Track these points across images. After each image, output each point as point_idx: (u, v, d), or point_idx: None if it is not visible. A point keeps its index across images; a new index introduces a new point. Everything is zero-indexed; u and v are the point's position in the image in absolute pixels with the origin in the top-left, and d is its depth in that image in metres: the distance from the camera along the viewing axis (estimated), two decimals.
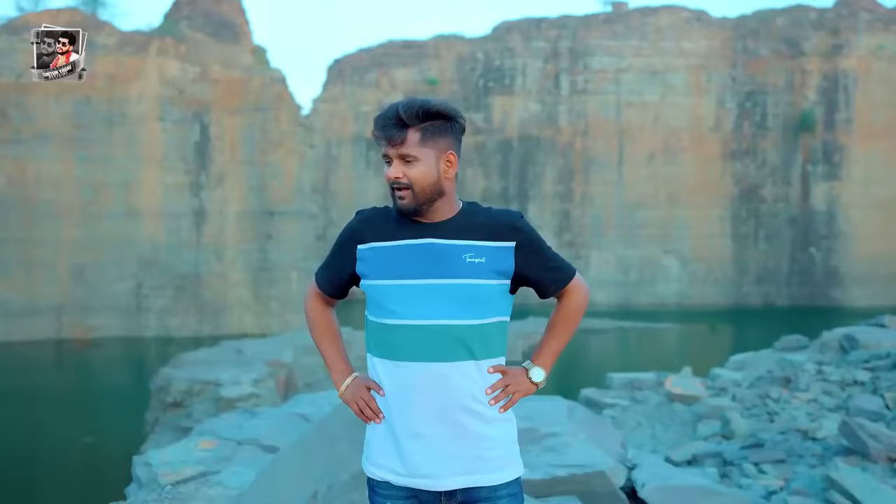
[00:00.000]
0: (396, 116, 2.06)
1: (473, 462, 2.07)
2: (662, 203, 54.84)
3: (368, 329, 2.17)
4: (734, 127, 55.22)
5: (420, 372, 2.04)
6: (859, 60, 53.44)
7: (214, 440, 4.81)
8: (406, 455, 2.06)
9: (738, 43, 55.53)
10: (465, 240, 2.10)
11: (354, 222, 2.18)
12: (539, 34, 56.88)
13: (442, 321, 2.04)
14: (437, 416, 2.04)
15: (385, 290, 2.08)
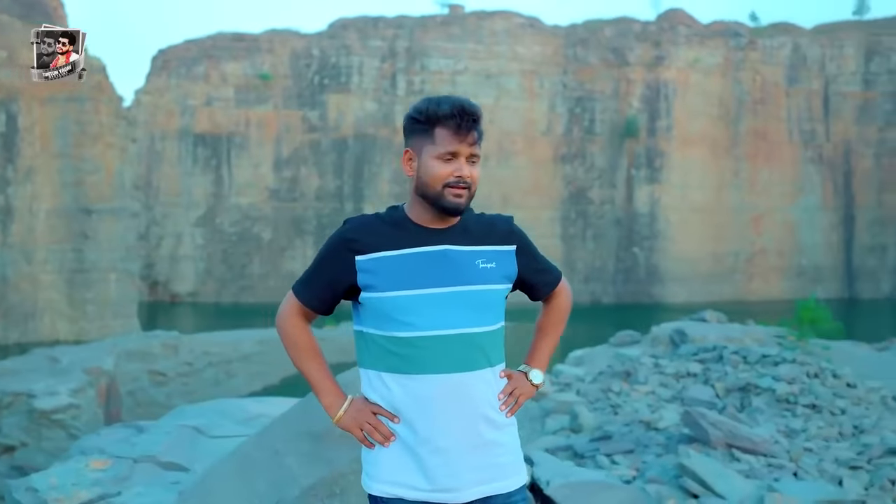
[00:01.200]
0: (473, 112, 2.00)
1: (489, 470, 2.04)
2: (497, 204, 55.85)
3: (370, 344, 2.06)
4: (564, 131, 57.17)
5: (442, 384, 1.98)
6: (678, 72, 56.73)
7: (106, 459, 4.46)
8: (429, 470, 1.99)
9: (568, 50, 57.51)
10: (476, 245, 2.08)
11: (347, 231, 2.08)
12: (376, 33, 56.48)
13: (462, 330, 2.00)
14: (458, 427, 2.00)
15: (400, 302, 1.98)
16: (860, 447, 8.68)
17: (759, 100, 58.04)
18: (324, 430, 3.10)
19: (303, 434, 3.13)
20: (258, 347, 31.21)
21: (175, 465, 4.32)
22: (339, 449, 3.03)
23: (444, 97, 2.02)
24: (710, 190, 57.05)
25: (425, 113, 2.00)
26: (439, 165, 1.99)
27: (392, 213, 2.10)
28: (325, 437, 3.09)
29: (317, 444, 3.12)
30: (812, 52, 59.38)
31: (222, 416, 5.28)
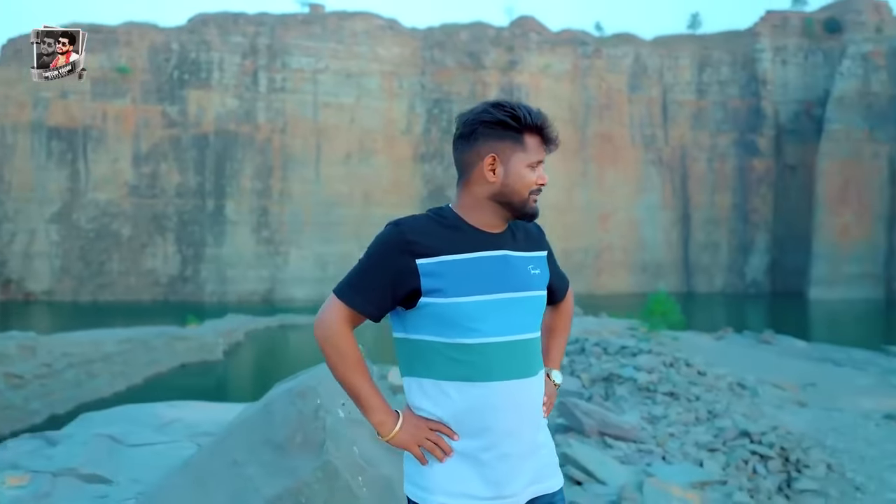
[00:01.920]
0: (552, 121, 2.01)
1: (539, 471, 2.02)
2: (358, 201, 56.84)
3: (426, 352, 1.95)
4: (423, 131, 58.77)
5: (508, 390, 1.94)
6: (531, 76, 59.55)
7: (24, 474, 4.08)
8: (492, 477, 1.94)
9: (426, 52, 59.21)
10: (526, 251, 2.06)
11: (404, 232, 1.95)
12: (237, 29, 56.24)
13: (525, 335, 1.98)
14: (521, 432, 1.97)
15: (469, 308, 1.91)
16: (715, 430, 9.24)
17: (605, 105, 61.71)
18: (286, 439, 2.91)
19: (264, 443, 2.93)
20: (120, 347, 30.62)
21: (97, 478, 4.02)
22: (302, 458, 2.84)
23: (516, 102, 1.99)
24: (561, 190, 60.00)
25: (519, 120, 1.95)
26: (529, 173, 1.97)
27: (443, 214, 2.01)
28: (288, 446, 2.89)
29: (279, 453, 2.91)
30: (652, 62, 63.66)
31: (134, 422, 5.05)
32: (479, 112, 2.00)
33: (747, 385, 14.33)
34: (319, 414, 2.90)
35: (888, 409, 15.29)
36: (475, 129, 1.98)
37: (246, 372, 33.87)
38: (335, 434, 2.87)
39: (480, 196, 1.99)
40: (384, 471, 2.98)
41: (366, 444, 3.03)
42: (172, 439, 4.65)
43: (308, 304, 52.23)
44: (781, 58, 62.76)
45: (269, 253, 55.47)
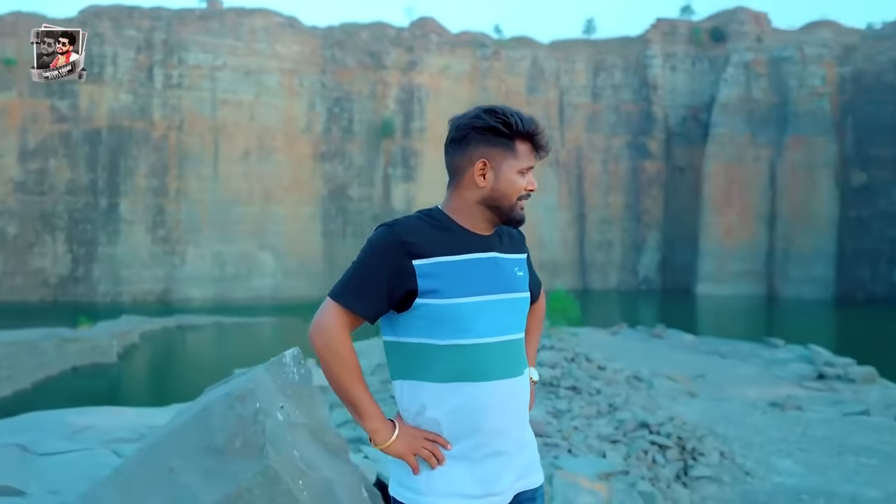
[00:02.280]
0: (544, 129, 2.03)
1: (526, 466, 2.06)
2: (257, 200, 55.88)
3: (420, 354, 1.96)
4: (324, 130, 58.29)
5: (500, 389, 1.96)
6: (431, 77, 59.89)
7: None
8: (483, 475, 1.96)
9: (327, 51, 58.73)
10: (513, 253, 2.08)
11: (400, 233, 1.94)
12: (131, 23, 54.34)
13: (515, 336, 2.01)
14: (515, 428, 2.01)
15: (464, 308, 1.92)
16: (616, 423, 9.48)
17: None
18: (225, 443, 2.83)
19: (202, 448, 2.83)
20: (6, 350, 29.25)
21: (9, 490, 3.82)
22: (242, 463, 2.77)
23: (509, 108, 2.00)
24: None
25: (511, 127, 1.96)
26: (519, 178, 1.98)
27: (434, 216, 2.02)
28: (227, 451, 2.82)
29: (218, 458, 2.82)
30: (549, 65, 65.07)
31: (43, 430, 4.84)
32: (471, 117, 2.00)
33: (643, 378, 14.83)
34: (259, 418, 2.84)
35: (772, 398, 16.11)
36: (467, 135, 2.00)
37: (143, 374, 32.85)
38: (275, 438, 2.83)
39: (470, 200, 2.01)
40: (325, 474, 2.95)
41: (306, 447, 2.99)
42: (86, 447, 4.46)
43: (206, 304, 51.06)
44: (671, 64, 65.22)
45: (166, 252, 53.87)
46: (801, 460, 10.10)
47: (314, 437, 3.02)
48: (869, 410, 15.68)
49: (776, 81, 61.10)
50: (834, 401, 16.81)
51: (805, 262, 59.05)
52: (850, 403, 16.46)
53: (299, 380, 3.10)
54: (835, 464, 9.97)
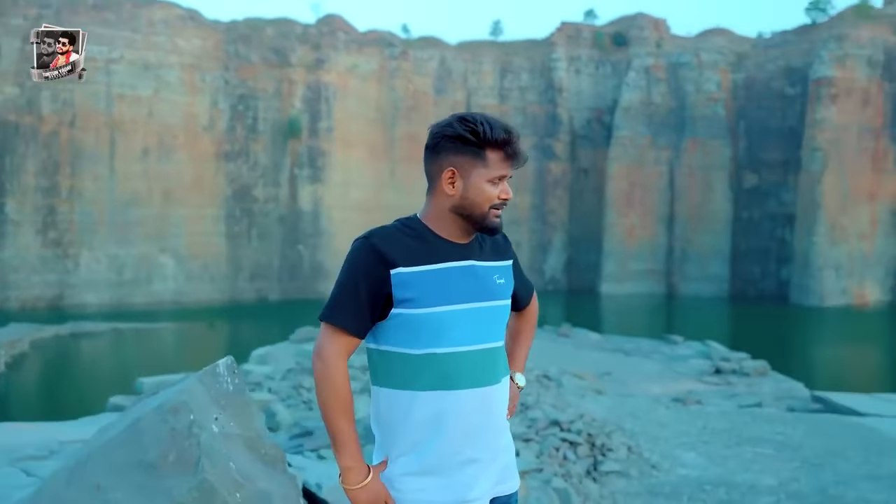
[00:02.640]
0: (518, 135, 2.03)
1: (501, 472, 2.06)
2: (157, 200, 54.16)
3: (395, 362, 1.98)
4: (227, 128, 56.97)
5: (476, 397, 1.97)
6: (338, 75, 59.36)
7: None
8: (455, 483, 1.97)
9: (230, 47, 57.41)
10: (492, 261, 2.08)
11: (376, 244, 1.96)
12: (17, 11, 51.68)
13: (491, 344, 2.01)
14: (490, 437, 2.01)
15: (439, 318, 1.93)
16: (529, 421, 9.71)
17: (412, 107, 62.69)
18: (158, 458, 2.73)
19: (132, 464, 2.73)
20: None
21: None
22: (177, 477, 2.68)
23: (482, 117, 2.00)
24: (369, 189, 60.37)
25: (480, 136, 1.96)
26: (489, 188, 1.98)
27: (411, 225, 2.03)
28: (160, 466, 2.72)
29: (150, 474, 2.72)
30: (456, 66, 65.48)
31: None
32: (443, 125, 2.02)
33: (552, 377, 15.12)
34: (193, 430, 2.76)
35: (674, 393, 16.65)
36: (438, 143, 2.01)
37: (35, 386, 31.28)
38: (210, 450, 2.75)
39: (443, 208, 2.02)
40: (262, 485, 2.88)
41: (241, 459, 2.92)
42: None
43: (103, 310, 49.14)
44: (575, 67, 66.58)
45: (58, 256, 51.52)
46: (703, 452, 10.50)
47: (250, 449, 2.96)
48: (762, 402, 16.38)
49: (675, 86, 63.16)
50: (730, 394, 17.52)
51: (702, 261, 61.26)
52: (745, 396, 17.18)
53: (233, 390, 3.04)
54: (733, 454, 10.44)
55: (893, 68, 55.60)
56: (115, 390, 18.41)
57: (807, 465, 10.23)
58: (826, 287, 53.01)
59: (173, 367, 22.58)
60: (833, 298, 52.59)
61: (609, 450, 9.23)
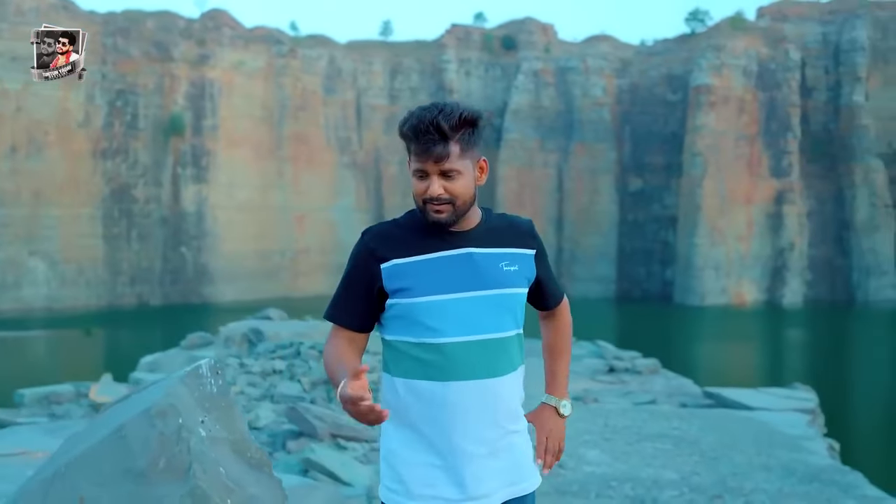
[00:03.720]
0: (437, 128, 1.87)
1: (512, 473, 2.01)
2: (27, 200, 51.17)
3: (396, 352, 1.98)
4: (105, 125, 54.51)
5: (474, 390, 1.93)
6: (224, 72, 57.70)
7: None
8: (462, 478, 1.94)
9: (108, 39, 54.88)
10: (499, 247, 2.02)
11: (368, 241, 1.98)
12: None
13: (492, 335, 1.95)
14: (489, 431, 1.96)
15: (428, 307, 1.92)
16: None
17: (300, 106, 61.67)
18: (147, 466, 2.66)
19: (119, 474, 2.64)
20: None
21: None
22: (168, 485, 2.62)
23: (426, 108, 1.91)
24: (256, 190, 59.02)
25: (400, 128, 1.95)
26: (415, 182, 1.96)
27: (411, 218, 2.02)
28: (150, 474, 2.64)
29: (139, 482, 2.65)
30: (346, 65, 64.85)
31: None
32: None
33: None
34: (182, 435, 2.67)
35: (572, 393, 16.71)
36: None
37: None
38: (200, 456, 2.66)
39: None
40: (251, 490, 2.80)
41: (229, 463, 2.83)
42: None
43: None
44: (465, 69, 67.09)
45: None
46: (607, 449, 10.62)
47: (237, 452, 2.86)
48: (656, 399, 16.75)
49: (562, 90, 64.50)
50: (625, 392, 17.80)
51: (589, 262, 62.79)
52: (639, 394, 17.51)
53: (217, 392, 2.93)
54: (635, 451, 10.62)
55: (766, 78, 58.53)
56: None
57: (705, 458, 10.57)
58: (706, 287, 55.22)
59: (51, 377, 21.19)
60: (713, 298, 54.84)
61: None
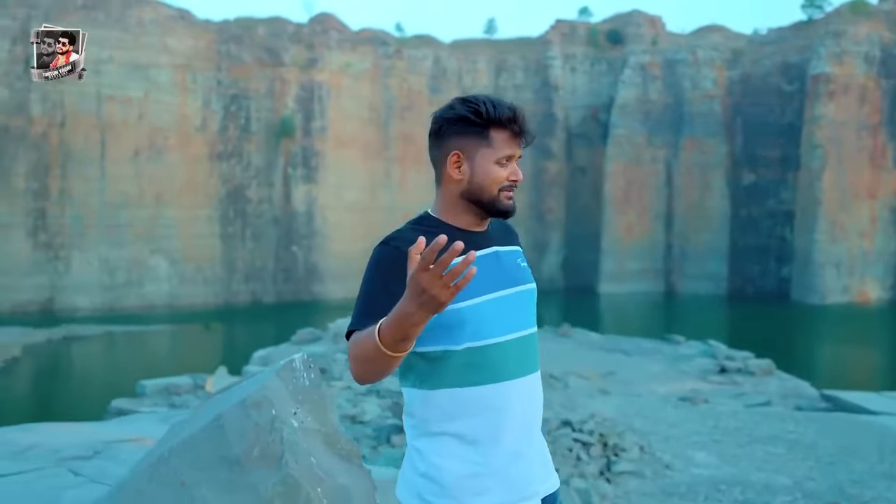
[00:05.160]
0: (524, 114, 1.98)
1: (546, 468, 2.02)
2: (149, 202, 53.67)
3: (436, 363, 1.89)
4: (220, 128, 56.51)
5: (519, 388, 1.93)
6: (331, 75, 58.95)
7: None
8: (512, 480, 1.92)
9: (222, 46, 56.95)
10: (511, 245, 2.04)
11: (399, 245, 1.85)
12: (5, 12, 51.21)
13: (528, 331, 1.97)
14: (531, 428, 1.97)
15: (471, 311, 1.87)
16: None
17: (407, 106, 62.32)
18: (242, 454, 2.75)
19: (217, 460, 2.75)
20: None
21: None
22: (261, 472, 2.71)
23: (485, 97, 1.95)
24: (364, 190, 60.00)
25: (483, 115, 1.91)
26: (497, 169, 1.92)
27: (423, 222, 1.97)
28: (245, 462, 2.73)
29: (235, 469, 2.75)
30: (451, 65, 65.14)
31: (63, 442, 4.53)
32: (445, 108, 1.99)
33: (558, 377, 14.79)
34: (276, 425, 2.79)
35: (680, 393, 16.27)
36: (441, 127, 1.97)
37: (29, 390, 30.81)
38: (293, 445, 2.79)
39: (454, 195, 1.97)
40: (341, 480, 2.91)
41: (321, 454, 2.95)
42: (37, 467, 4.09)
43: (95, 314, 48.62)
44: (570, 65, 66.28)
45: (49, 258, 50.98)
46: (715, 451, 10.39)
47: (328, 444, 3.00)
48: (770, 401, 16.12)
49: (671, 84, 62.85)
50: (737, 393, 17.20)
51: (700, 259, 60.95)
52: (752, 395, 16.88)
53: (309, 385, 3.06)
54: (746, 454, 10.37)
55: (890, 65, 55.35)
56: (115, 394, 17.99)
57: (821, 463, 10.15)
58: (827, 285, 52.68)
59: (172, 369, 22.17)
60: (834, 296, 52.27)
61: (622, 450, 9.11)
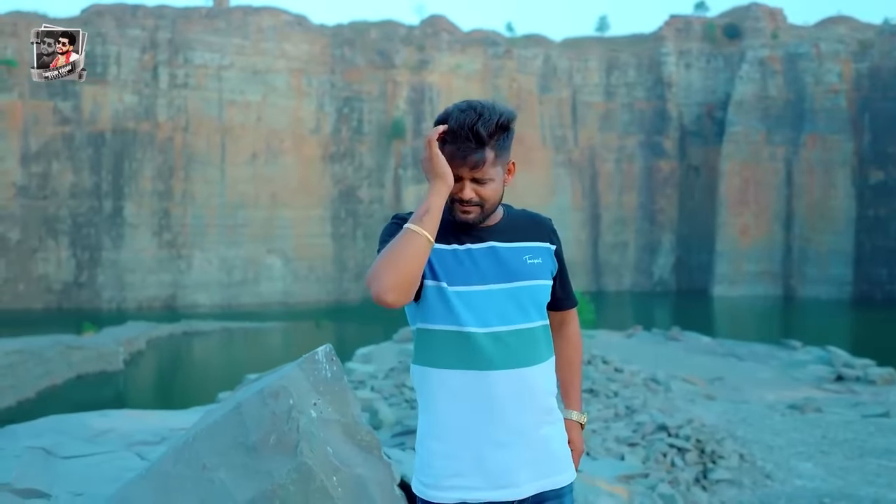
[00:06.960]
0: (476, 135, 1.91)
1: (545, 465, 2.03)
2: (265, 203, 55.56)
3: (431, 340, 1.98)
4: (333, 131, 57.95)
5: (505, 379, 1.96)
6: (441, 76, 59.49)
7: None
8: (489, 467, 1.97)
9: (336, 50, 58.40)
10: (522, 241, 2.06)
11: (397, 223, 1.97)
12: (135, 22, 54.18)
13: (520, 325, 1.98)
14: (520, 421, 1.98)
15: (458, 296, 1.93)
16: (634, 426, 9.49)
17: (516, 106, 62.11)
18: (259, 441, 2.88)
19: (235, 446, 2.89)
20: (8, 359, 28.92)
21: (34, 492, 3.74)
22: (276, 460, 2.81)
23: (467, 107, 1.94)
24: None
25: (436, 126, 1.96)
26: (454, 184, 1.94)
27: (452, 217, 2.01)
28: (261, 448, 2.85)
29: (252, 455, 2.87)
30: (561, 63, 64.56)
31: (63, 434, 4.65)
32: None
33: (660, 381, 14.54)
34: (293, 415, 2.85)
35: (790, 400, 15.63)
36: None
37: (150, 381, 32.47)
38: (308, 435, 2.83)
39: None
40: (358, 471, 2.92)
41: (339, 444, 2.97)
42: (108, 450, 4.28)
43: (214, 310, 50.71)
44: (685, 61, 64.52)
45: (172, 257, 53.61)
46: (822, 463, 9.89)
47: (347, 434, 3.01)
48: (889, 412, 15.30)
49: (792, 78, 60.26)
50: (853, 403, 16.36)
51: (822, 262, 58.15)
52: (870, 405, 16.02)
53: (331, 377, 3.08)
54: (856, 466, 9.81)
55: None
56: (224, 386, 18.76)
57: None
58: None
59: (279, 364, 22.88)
60: None
61: (720, 457, 8.81)
